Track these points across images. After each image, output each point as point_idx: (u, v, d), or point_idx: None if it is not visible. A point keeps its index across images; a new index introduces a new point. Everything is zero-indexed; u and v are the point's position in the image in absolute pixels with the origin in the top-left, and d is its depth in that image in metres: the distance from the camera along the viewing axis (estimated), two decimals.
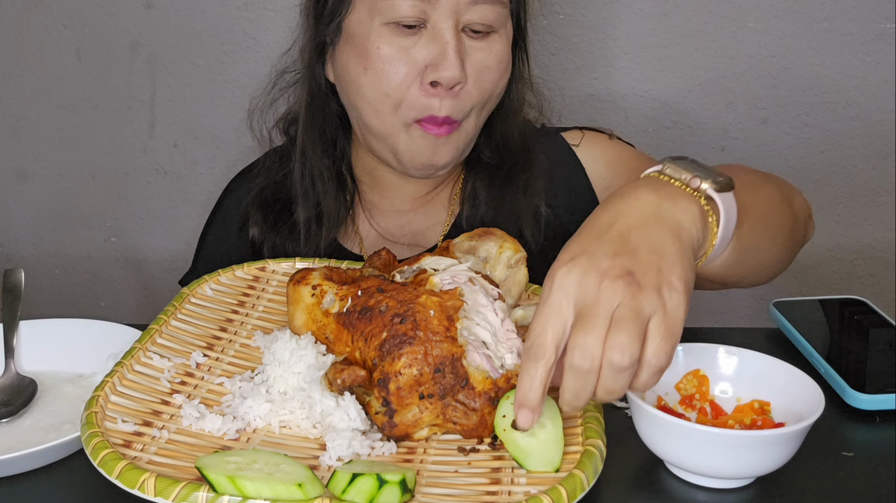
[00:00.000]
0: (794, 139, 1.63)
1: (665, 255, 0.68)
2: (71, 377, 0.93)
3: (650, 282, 0.66)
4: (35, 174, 1.77)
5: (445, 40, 1.01)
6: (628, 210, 0.71)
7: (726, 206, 0.75)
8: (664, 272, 0.67)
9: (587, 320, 0.65)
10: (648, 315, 0.65)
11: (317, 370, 0.81)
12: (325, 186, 1.17)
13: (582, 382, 0.66)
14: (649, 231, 0.69)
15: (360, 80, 1.05)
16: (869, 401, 0.85)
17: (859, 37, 1.57)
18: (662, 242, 0.69)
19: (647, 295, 0.65)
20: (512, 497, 0.69)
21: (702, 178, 0.73)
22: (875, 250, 1.69)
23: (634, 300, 0.65)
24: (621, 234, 0.69)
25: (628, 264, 0.66)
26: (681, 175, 0.74)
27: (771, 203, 0.88)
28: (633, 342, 0.64)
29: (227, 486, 0.66)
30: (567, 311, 0.66)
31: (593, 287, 0.65)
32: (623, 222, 0.70)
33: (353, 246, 1.19)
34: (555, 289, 0.67)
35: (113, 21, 1.65)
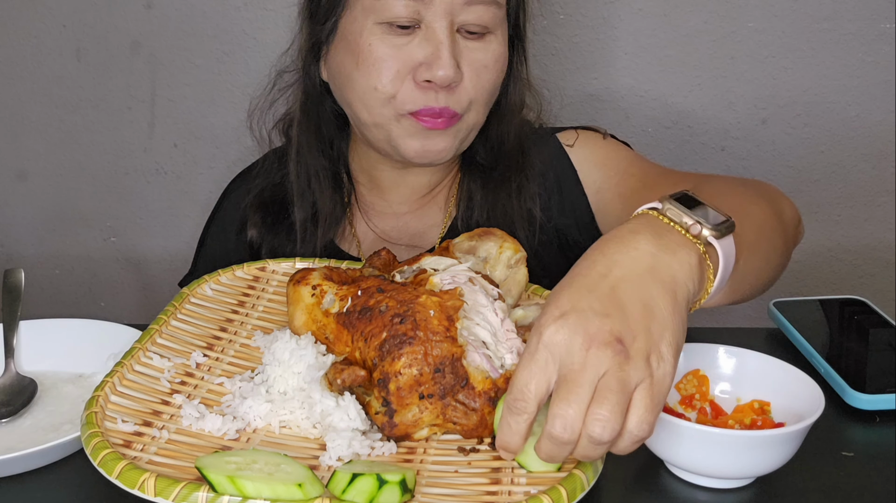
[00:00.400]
0: (794, 139, 1.63)
1: (656, 316, 0.65)
2: (71, 377, 0.93)
3: (639, 349, 0.64)
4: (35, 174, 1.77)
5: (439, 40, 1.02)
6: (623, 261, 0.68)
7: (725, 252, 0.73)
8: (654, 337, 0.65)
9: (571, 388, 0.63)
10: (634, 385, 0.63)
11: (317, 370, 0.81)
12: (321, 186, 1.17)
13: (559, 449, 0.65)
14: (643, 286, 0.66)
15: (352, 76, 1.06)
16: (869, 401, 0.85)
17: (859, 37, 1.57)
18: (655, 300, 0.66)
19: (634, 365, 0.63)
20: (512, 497, 0.69)
21: (702, 224, 0.71)
22: (875, 250, 1.69)
23: (621, 370, 0.63)
24: (613, 288, 0.66)
25: (618, 328, 0.64)
26: (682, 219, 0.71)
27: (762, 226, 0.86)
28: (615, 417, 0.62)
29: (227, 486, 0.66)
30: (551, 371, 0.64)
31: (580, 351, 0.63)
32: (616, 274, 0.67)
33: (350, 248, 1.19)
34: (541, 347, 0.65)
35: (113, 21, 1.65)
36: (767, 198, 0.95)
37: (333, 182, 1.18)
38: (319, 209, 1.17)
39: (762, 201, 0.92)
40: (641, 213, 0.73)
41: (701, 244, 0.71)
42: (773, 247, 0.89)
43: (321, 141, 1.18)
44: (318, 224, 1.16)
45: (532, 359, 0.65)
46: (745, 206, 0.87)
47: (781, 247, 0.92)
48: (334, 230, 1.18)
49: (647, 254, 0.68)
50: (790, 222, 0.97)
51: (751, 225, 0.83)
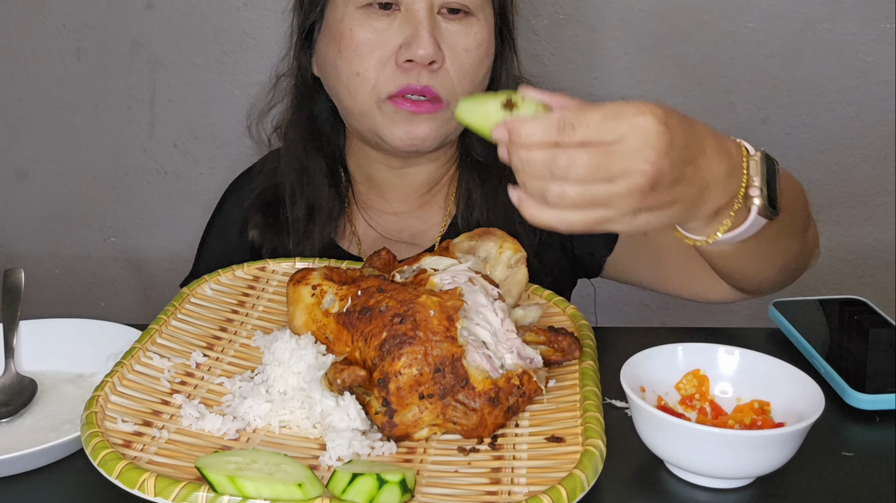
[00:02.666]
0: (794, 139, 1.63)
1: (680, 211, 0.71)
2: (71, 377, 0.92)
3: (655, 206, 0.69)
4: (35, 174, 1.77)
5: (418, 20, 1.02)
6: (711, 156, 0.72)
7: (749, 226, 0.76)
8: (664, 214, 0.70)
9: (588, 135, 0.66)
10: (618, 204, 0.68)
11: (317, 370, 0.81)
12: (317, 183, 1.17)
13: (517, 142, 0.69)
14: (701, 186, 0.71)
15: (336, 64, 1.07)
16: (869, 401, 0.85)
17: (859, 37, 1.57)
18: (695, 200, 0.71)
19: (636, 201, 0.67)
20: (512, 497, 0.69)
21: (761, 196, 0.75)
22: (875, 250, 1.69)
23: (631, 188, 0.67)
24: (695, 166, 0.71)
25: (668, 182, 0.68)
26: (752, 178, 0.75)
27: (793, 230, 0.89)
28: (589, 174, 0.66)
29: (227, 486, 0.66)
30: (606, 134, 0.67)
31: (635, 159, 0.66)
32: (703, 160, 0.71)
33: (350, 246, 1.19)
34: (626, 124, 0.67)
35: (113, 21, 1.65)
36: (808, 209, 0.96)
37: (330, 179, 1.18)
38: (316, 206, 1.17)
39: (805, 211, 0.94)
40: (737, 142, 0.77)
41: (738, 203, 0.75)
42: (786, 248, 0.91)
43: (316, 138, 1.18)
44: (316, 221, 1.16)
45: (613, 114, 0.67)
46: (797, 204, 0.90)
47: (797, 250, 0.94)
48: (332, 228, 1.18)
49: (722, 169, 0.73)
50: (811, 239, 0.98)
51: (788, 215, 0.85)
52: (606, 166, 0.66)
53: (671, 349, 0.82)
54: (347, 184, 1.21)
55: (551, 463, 0.73)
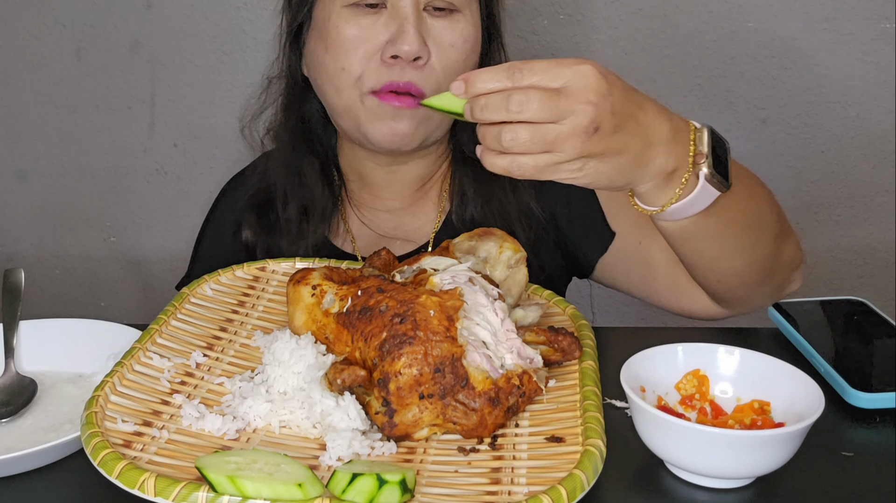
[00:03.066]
0: (794, 139, 1.63)
1: (628, 160, 0.77)
2: (71, 377, 0.92)
3: (597, 147, 0.74)
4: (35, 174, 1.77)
5: (404, 16, 1.03)
6: (652, 116, 0.79)
7: (699, 192, 0.81)
8: (612, 162, 0.76)
9: (538, 81, 0.74)
10: (567, 147, 0.74)
11: (317, 370, 0.81)
12: (310, 181, 1.17)
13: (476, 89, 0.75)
14: (641, 137, 0.78)
15: (323, 61, 1.07)
16: (869, 400, 0.85)
17: (859, 37, 1.57)
18: (639, 151, 0.78)
19: (583, 142, 0.74)
20: (512, 497, 0.69)
21: (706, 163, 0.80)
22: (875, 250, 1.69)
23: (579, 136, 0.73)
24: (636, 121, 0.77)
25: (610, 128, 0.75)
26: (701, 146, 0.81)
27: (756, 222, 0.92)
28: (539, 113, 0.73)
29: (227, 486, 0.66)
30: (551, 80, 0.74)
31: (574, 95, 0.73)
32: (640, 117, 0.78)
33: (344, 244, 1.20)
34: (570, 70, 0.74)
35: (113, 21, 1.65)
36: (783, 221, 0.98)
37: (323, 177, 1.18)
38: (309, 205, 1.17)
39: (774, 216, 0.96)
40: (684, 120, 0.82)
41: (688, 172, 0.81)
42: (753, 245, 0.93)
43: (308, 138, 1.19)
44: (310, 221, 1.17)
45: (560, 65, 0.74)
46: (763, 203, 0.93)
47: (765, 255, 0.95)
48: (326, 226, 1.18)
49: (665, 131, 0.79)
50: (787, 255, 0.99)
51: (750, 209, 0.90)
52: (554, 106, 0.73)
53: (671, 349, 0.82)
54: (340, 183, 1.21)
55: (551, 463, 0.73)
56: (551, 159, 0.75)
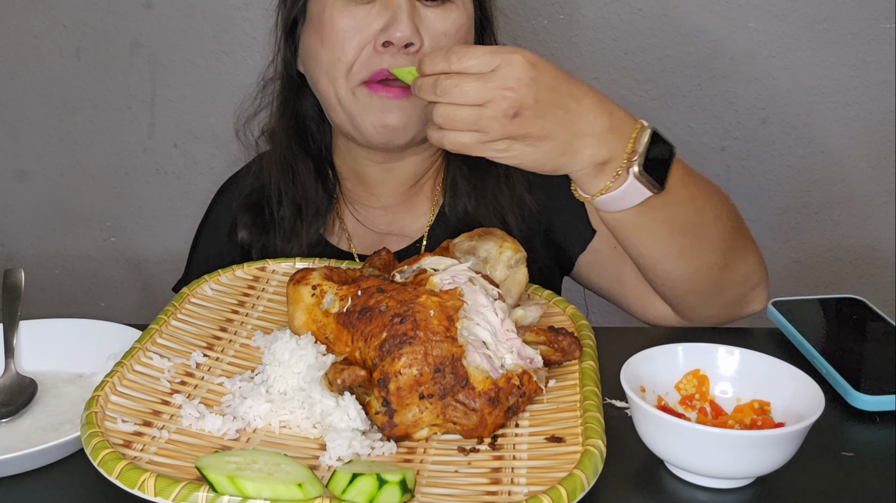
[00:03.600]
0: (794, 139, 1.63)
1: (554, 145, 0.84)
2: (71, 377, 0.92)
3: (522, 131, 0.82)
4: (35, 174, 1.77)
5: (397, 4, 1.03)
6: (587, 109, 0.85)
7: (627, 187, 0.87)
8: (539, 146, 0.84)
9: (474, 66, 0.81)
10: (493, 127, 0.81)
11: (317, 370, 0.81)
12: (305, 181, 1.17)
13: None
14: (571, 125, 0.84)
15: (318, 54, 1.07)
16: (872, 402, 0.85)
17: (859, 37, 1.57)
18: (565, 140, 0.84)
19: (509, 123, 0.81)
20: (512, 497, 0.69)
21: (638, 161, 0.86)
22: (875, 250, 1.69)
23: (499, 119, 0.81)
24: (566, 111, 0.84)
25: (532, 113, 0.82)
26: (639, 143, 0.86)
27: (696, 230, 0.95)
28: (467, 96, 0.81)
29: (227, 486, 0.66)
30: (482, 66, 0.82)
31: (502, 80, 0.81)
32: (573, 106, 0.84)
33: (340, 242, 1.20)
34: (499, 58, 0.81)
35: (113, 21, 1.65)
36: (738, 237, 1.01)
37: (317, 177, 1.18)
38: (304, 204, 1.17)
39: (725, 229, 0.98)
40: (630, 117, 0.88)
41: (622, 167, 0.86)
42: (693, 250, 0.96)
43: (302, 136, 1.19)
44: (304, 219, 1.17)
45: (493, 53, 0.82)
46: (709, 216, 0.96)
47: (709, 264, 0.97)
48: (321, 224, 1.18)
49: (599, 124, 0.86)
50: (741, 269, 1.01)
51: (692, 219, 0.94)
52: (481, 90, 0.81)
53: (671, 349, 0.82)
54: (335, 181, 1.21)
55: (551, 463, 0.73)
56: (478, 138, 0.83)
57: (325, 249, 1.18)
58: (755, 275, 1.03)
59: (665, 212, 0.91)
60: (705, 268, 0.97)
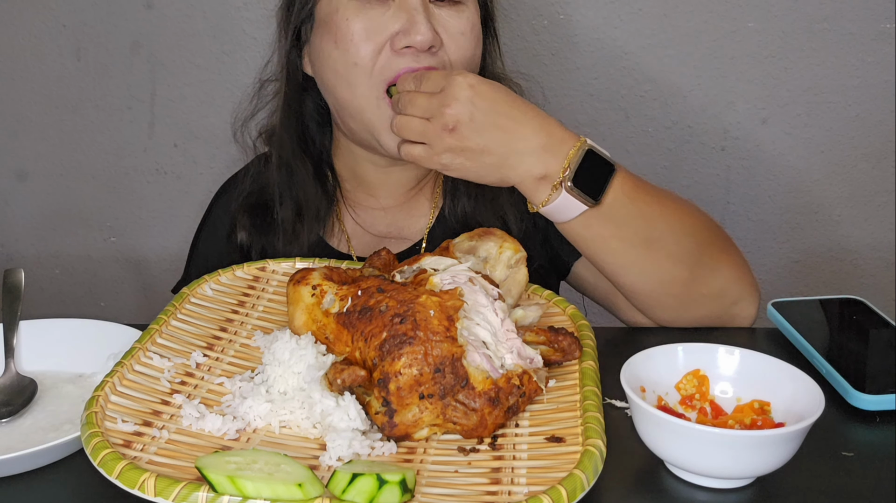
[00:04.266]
0: (794, 139, 1.63)
1: (491, 160, 0.94)
2: (71, 377, 0.92)
3: (458, 144, 0.93)
4: (35, 174, 1.77)
5: (413, 6, 1.03)
6: (526, 130, 0.94)
7: (561, 200, 0.94)
8: (475, 161, 0.94)
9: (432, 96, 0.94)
10: (435, 141, 0.93)
11: (317, 370, 0.81)
12: (305, 183, 1.17)
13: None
14: (508, 143, 0.93)
15: (332, 56, 1.06)
16: (872, 402, 0.85)
17: (859, 37, 1.57)
18: (502, 154, 0.93)
19: (442, 139, 0.93)
20: (512, 497, 0.69)
21: (567, 178, 0.92)
22: (875, 250, 1.69)
23: (438, 132, 0.93)
24: (500, 125, 0.93)
25: (468, 130, 0.92)
26: (572, 161, 0.92)
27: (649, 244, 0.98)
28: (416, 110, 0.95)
29: (227, 486, 0.66)
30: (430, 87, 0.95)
31: (449, 100, 0.92)
32: (510, 126, 0.93)
33: (339, 244, 1.20)
34: (446, 80, 0.94)
35: (113, 21, 1.65)
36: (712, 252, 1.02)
37: (317, 179, 1.18)
38: (304, 205, 1.17)
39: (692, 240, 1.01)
40: (575, 134, 0.95)
41: (558, 183, 0.93)
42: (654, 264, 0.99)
43: (303, 138, 1.19)
44: (304, 221, 1.17)
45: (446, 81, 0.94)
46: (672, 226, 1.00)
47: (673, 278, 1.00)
48: (320, 226, 1.18)
49: (536, 142, 0.94)
50: (719, 282, 1.02)
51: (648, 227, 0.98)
52: (426, 105, 0.93)
53: (671, 349, 0.82)
54: (334, 183, 1.21)
55: (551, 463, 0.73)
56: (426, 150, 0.95)
57: (325, 251, 1.18)
58: (732, 290, 1.03)
59: (610, 225, 0.96)
60: (669, 282, 0.99)
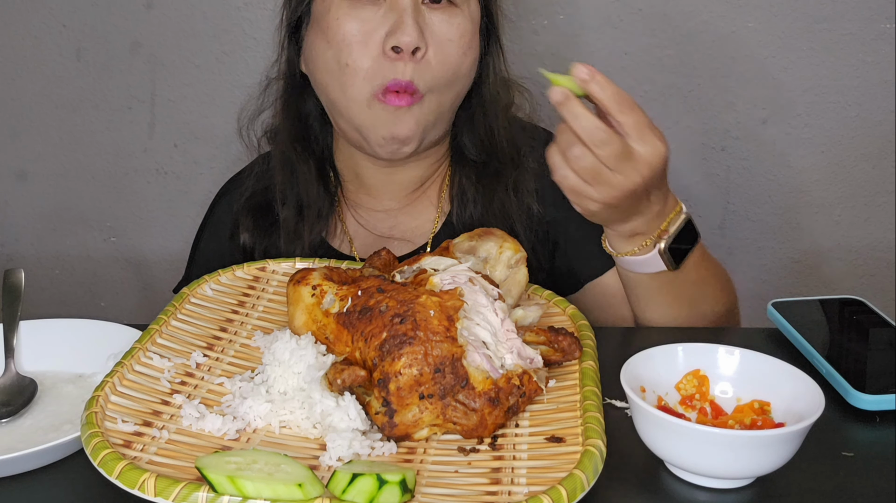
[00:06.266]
0: (794, 139, 1.63)
1: (617, 216, 0.93)
2: (71, 377, 0.93)
3: (618, 203, 0.90)
4: (35, 174, 1.77)
5: (402, 7, 1.03)
6: (656, 197, 0.93)
7: (649, 258, 0.97)
8: (610, 213, 0.92)
9: None
10: (604, 193, 0.88)
11: (317, 370, 0.81)
12: (306, 182, 1.17)
13: None
14: (637, 212, 0.93)
15: (325, 56, 1.07)
16: (872, 402, 0.85)
17: (859, 37, 1.57)
18: (631, 219, 0.94)
19: (614, 198, 0.88)
20: (512, 497, 0.69)
21: (666, 242, 0.96)
22: (875, 250, 1.69)
23: (616, 191, 0.88)
24: (648, 198, 0.92)
25: (634, 200, 0.90)
26: (670, 227, 0.96)
27: (690, 304, 1.05)
28: (607, 155, 0.86)
29: (227, 486, 0.66)
30: None
31: (638, 169, 0.87)
32: (654, 195, 0.93)
33: (341, 245, 1.20)
34: (651, 142, 0.87)
35: (113, 21, 1.65)
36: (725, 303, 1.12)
37: (319, 178, 1.18)
38: (305, 206, 1.17)
39: (720, 305, 1.10)
40: (676, 202, 0.97)
41: (651, 240, 0.96)
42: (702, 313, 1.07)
43: (304, 137, 1.18)
44: (305, 221, 1.17)
45: None
46: (710, 295, 1.08)
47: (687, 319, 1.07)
48: (322, 227, 1.18)
49: (654, 210, 0.95)
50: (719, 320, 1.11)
51: (703, 295, 1.06)
52: (621, 160, 0.85)
53: (671, 349, 0.82)
54: (336, 183, 1.21)
55: (551, 463, 0.73)
56: (585, 189, 0.88)
57: (327, 253, 1.18)
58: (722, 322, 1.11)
59: (672, 284, 1.01)
60: (684, 322, 1.06)
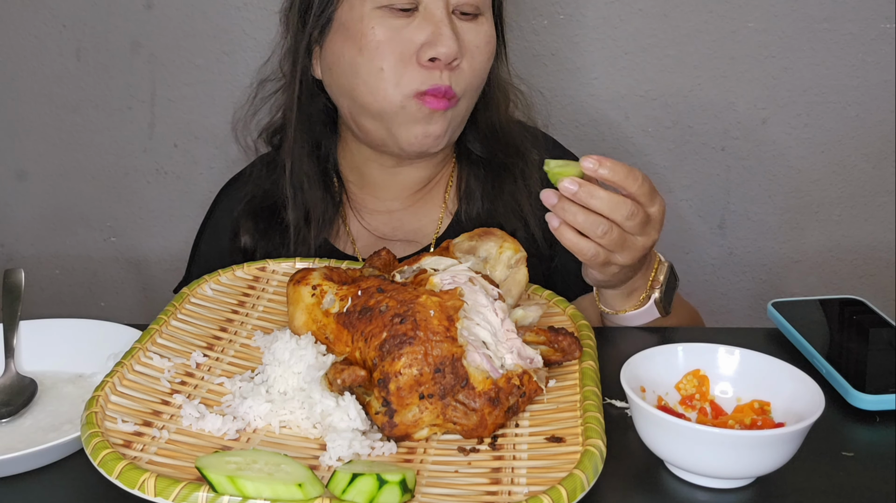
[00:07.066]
0: (794, 139, 1.63)
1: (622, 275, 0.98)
2: (71, 377, 0.93)
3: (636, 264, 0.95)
4: (35, 174, 1.77)
5: (439, 19, 1.04)
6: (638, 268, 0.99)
7: (645, 310, 1.02)
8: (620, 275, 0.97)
9: None
10: (628, 257, 0.92)
11: (317, 370, 0.81)
12: (311, 187, 1.17)
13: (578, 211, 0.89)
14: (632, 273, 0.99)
15: (355, 62, 1.07)
16: (872, 402, 0.85)
17: (859, 37, 1.57)
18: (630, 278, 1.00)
19: (634, 258, 0.93)
20: (512, 497, 0.69)
21: (659, 291, 1.01)
22: (875, 250, 1.69)
23: (639, 252, 0.93)
24: None
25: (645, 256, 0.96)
26: (659, 277, 1.02)
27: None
28: (623, 216, 0.89)
29: (227, 486, 0.66)
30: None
31: (654, 228, 0.93)
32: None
33: (345, 247, 1.20)
34: (658, 203, 0.92)
35: (113, 21, 1.65)
36: None
37: (323, 182, 1.18)
38: (311, 210, 1.17)
39: None
40: (655, 252, 1.03)
41: (646, 293, 1.02)
42: None
43: (311, 142, 1.18)
44: (311, 225, 1.17)
45: None
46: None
47: None
48: (327, 230, 1.18)
49: (645, 268, 1.01)
50: None
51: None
52: (642, 225, 0.90)
53: (671, 349, 0.82)
54: (340, 185, 1.21)
55: (551, 463, 0.73)
56: (611, 257, 0.91)
57: (330, 254, 1.18)
58: None
59: (653, 324, 1.04)
60: None
